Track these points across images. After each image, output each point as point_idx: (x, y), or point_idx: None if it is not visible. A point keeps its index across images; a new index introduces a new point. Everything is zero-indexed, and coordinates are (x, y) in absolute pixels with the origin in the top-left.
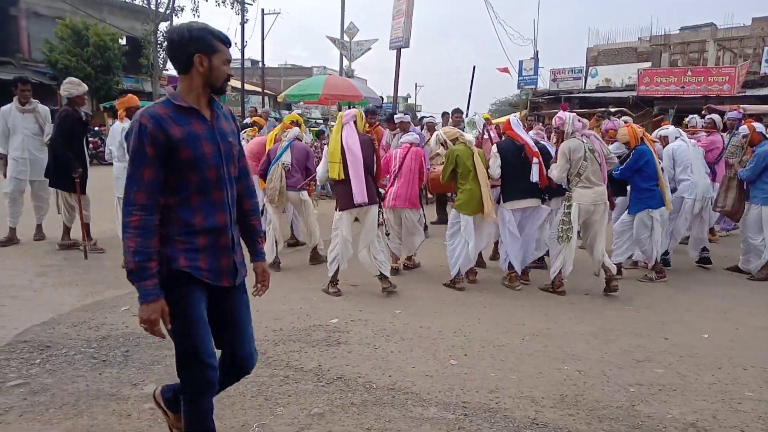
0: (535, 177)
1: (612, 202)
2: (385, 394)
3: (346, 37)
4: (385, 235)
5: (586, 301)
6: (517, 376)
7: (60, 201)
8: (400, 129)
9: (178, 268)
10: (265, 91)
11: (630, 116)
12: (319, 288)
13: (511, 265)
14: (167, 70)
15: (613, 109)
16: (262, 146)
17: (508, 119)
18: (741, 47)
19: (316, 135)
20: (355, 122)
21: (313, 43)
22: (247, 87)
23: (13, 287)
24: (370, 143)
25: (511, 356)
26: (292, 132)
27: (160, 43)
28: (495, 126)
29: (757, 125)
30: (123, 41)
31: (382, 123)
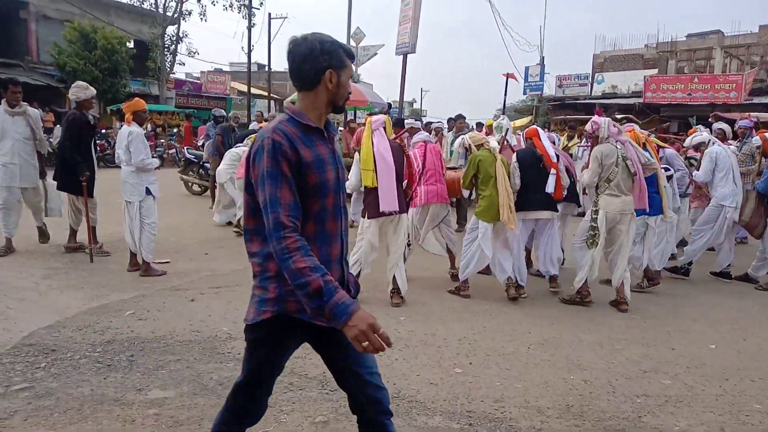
0: (551, 188)
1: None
2: (390, 403)
3: (353, 42)
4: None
5: (593, 310)
6: (523, 386)
7: (67, 203)
8: (409, 134)
9: (286, 312)
10: (272, 95)
11: (636, 123)
12: None
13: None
14: (174, 74)
15: (619, 116)
16: None
17: (536, 128)
18: (748, 54)
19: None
20: (384, 128)
21: None
22: (254, 91)
23: (20, 289)
24: (400, 150)
25: (517, 365)
26: None
27: (167, 46)
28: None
29: None
30: (131, 44)
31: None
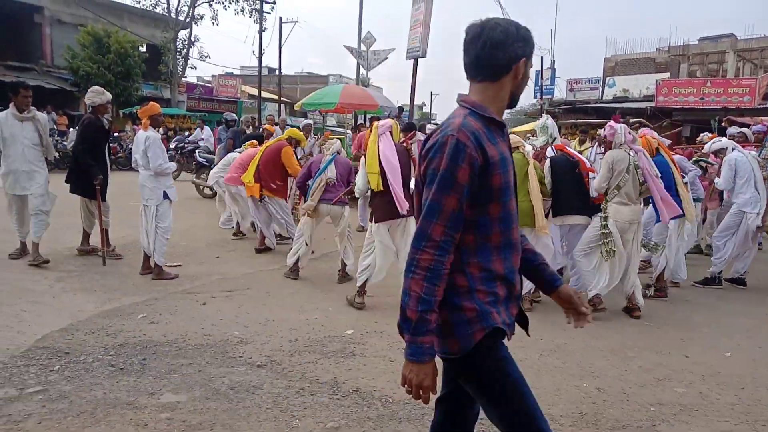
0: (594, 193)
1: None
2: (401, 409)
3: (364, 47)
4: None
5: (605, 316)
6: (536, 393)
7: (81, 207)
8: None
9: (495, 324)
10: (282, 99)
11: (648, 127)
12: (335, 298)
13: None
14: (185, 78)
15: (631, 120)
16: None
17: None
18: (761, 58)
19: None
20: (391, 132)
21: (329, 51)
22: (264, 94)
23: (34, 292)
24: (406, 154)
25: (529, 372)
26: (336, 146)
27: (179, 50)
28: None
29: None
30: (143, 48)
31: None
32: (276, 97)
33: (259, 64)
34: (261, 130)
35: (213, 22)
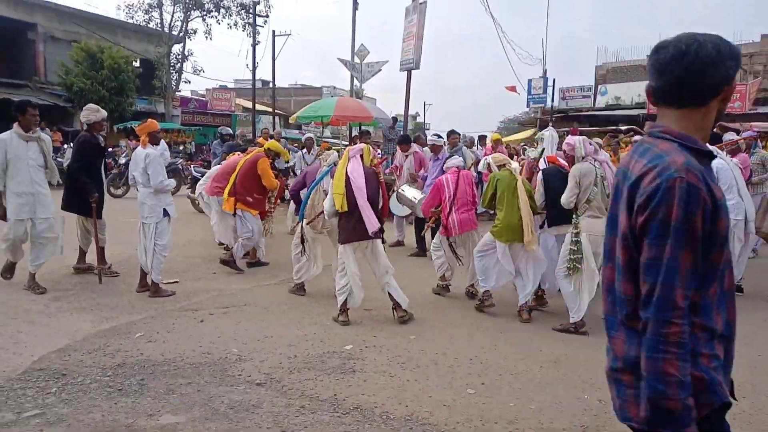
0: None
1: None
2: (402, 426)
3: (357, 59)
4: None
5: (603, 326)
6: (537, 406)
7: (77, 225)
8: (432, 152)
9: (725, 399)
10: (276, 111)
11: (640, 134)
12: (333, 312)
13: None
14: (179, 92)
15: (623, 127)
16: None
17: (554, 156)
18: (750, 64)
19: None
20: (362, 156)
21: (322, 63)
22: (258, 107)
23: (30, 312)
24: (375, 177)
25: (530, 384)
26: (332, 157)
27: (173, 65)
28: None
29: None
30: (137, 63)
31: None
32: (270, 110)
33: (252, 77)
34: (254, 144)
35: (207, 37)
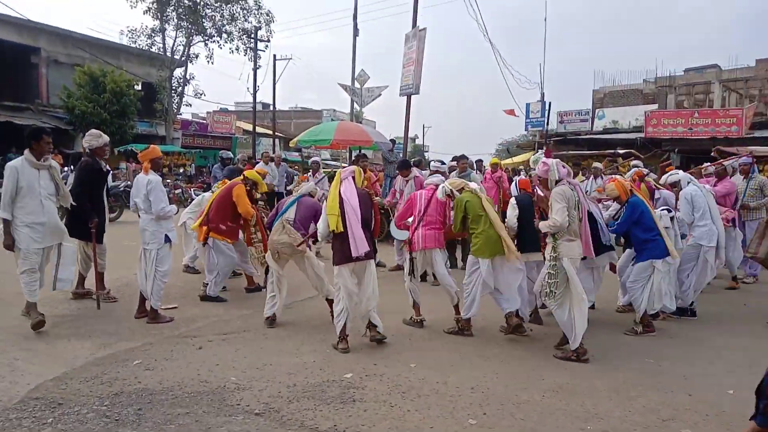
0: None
1: (613, 266)
2: None
3: (357, 84)
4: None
5: (605, 354)
6: None
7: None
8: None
9: None
10: (276, 134)
11: (639, 158)
12: (332, 339)
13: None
14: (180, 115)
15: (621, 151)
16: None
17: (528, 180)
18: (746, 88)
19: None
20: (354, 178)
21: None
22: (259, 130)
23: (28, 339)
24: (368, 198)
25: (533, 415)
26: (304, 187)
27: (174, 88)
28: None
29: None
30: (138, 87)
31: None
32: (270, 132)
33: (253, 101)
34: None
35: (208, 61)
